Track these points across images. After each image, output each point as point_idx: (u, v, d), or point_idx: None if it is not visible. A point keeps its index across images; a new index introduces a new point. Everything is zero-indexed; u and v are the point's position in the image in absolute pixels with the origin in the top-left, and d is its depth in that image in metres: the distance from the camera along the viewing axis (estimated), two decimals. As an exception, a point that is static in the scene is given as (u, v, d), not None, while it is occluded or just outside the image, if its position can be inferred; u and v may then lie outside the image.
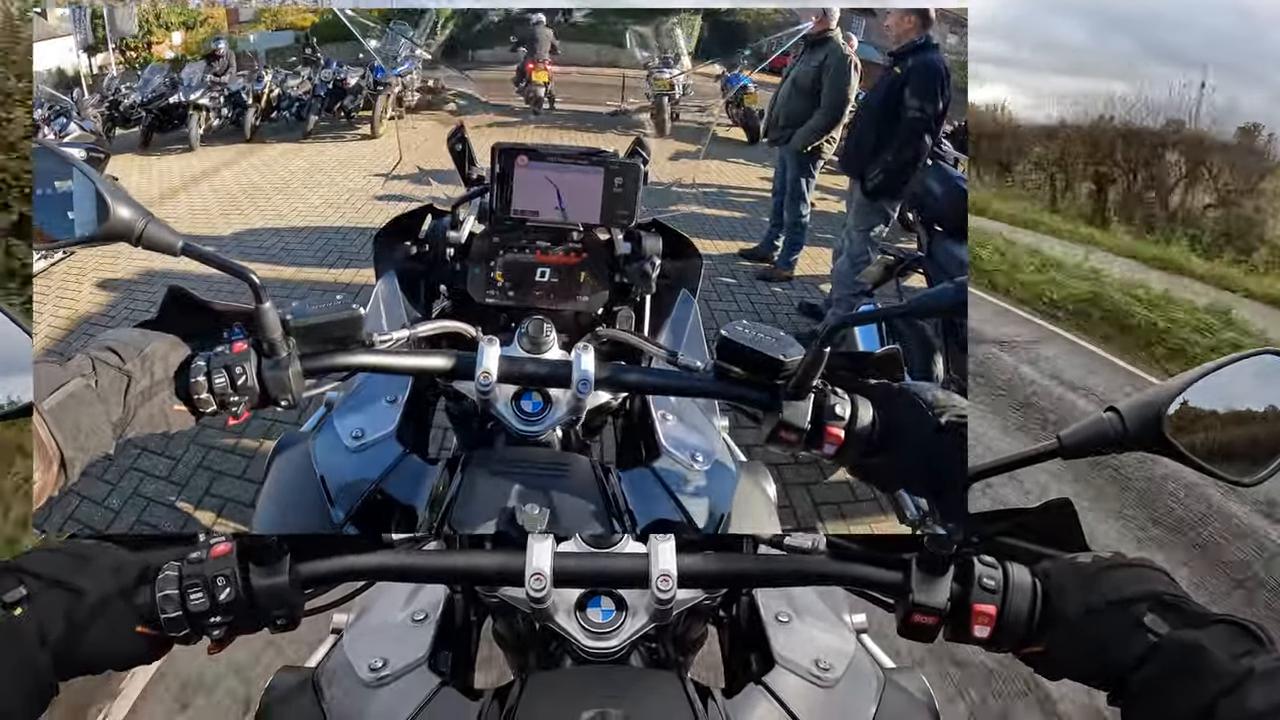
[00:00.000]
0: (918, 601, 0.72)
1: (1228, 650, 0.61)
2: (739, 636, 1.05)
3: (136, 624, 0.70)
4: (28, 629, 0.64)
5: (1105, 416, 0.74)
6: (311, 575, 0.75)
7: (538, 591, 0.74)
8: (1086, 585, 0.70)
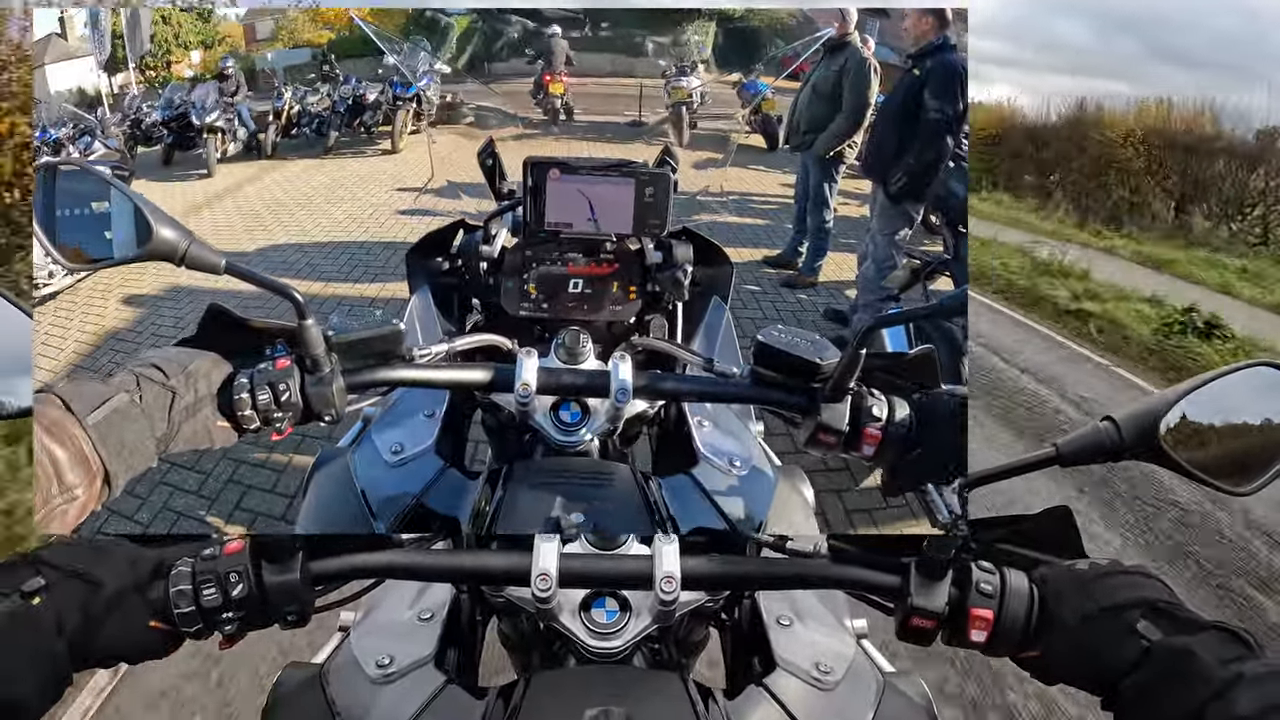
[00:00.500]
0: (916, 605, 0.73)
1: (1217, 656, 0.62)
2: (740, 638, 1.06)
3: (150, 618, 0.71)
4: (45, 619, 0.65)
5: (1102, 426, 0.75)
6: (322, 573, 0.77)
7: (543, 592, 0.76)
8: (1082, 591, 0.71)
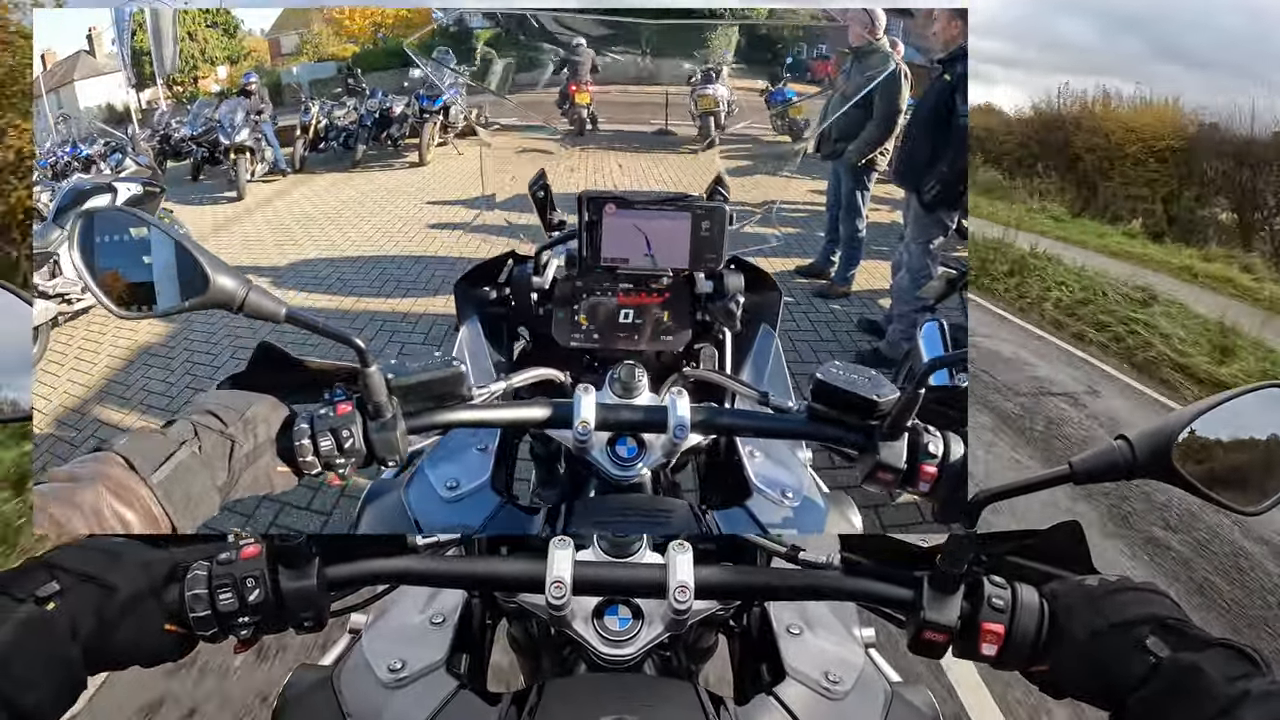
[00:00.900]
0: (928, 619, 0.74)
1: (1224, 673, 0.63)
2: (749, 647, 1.07)
3: (165, 621, 0.71)
4: (60, 623, 0.65)
5: (1116, 445, 0.75)
6: (339, 578, 0.77)
7: (558, 599, 0.76)
8: (1092, 607, 0.72)
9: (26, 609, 0.64)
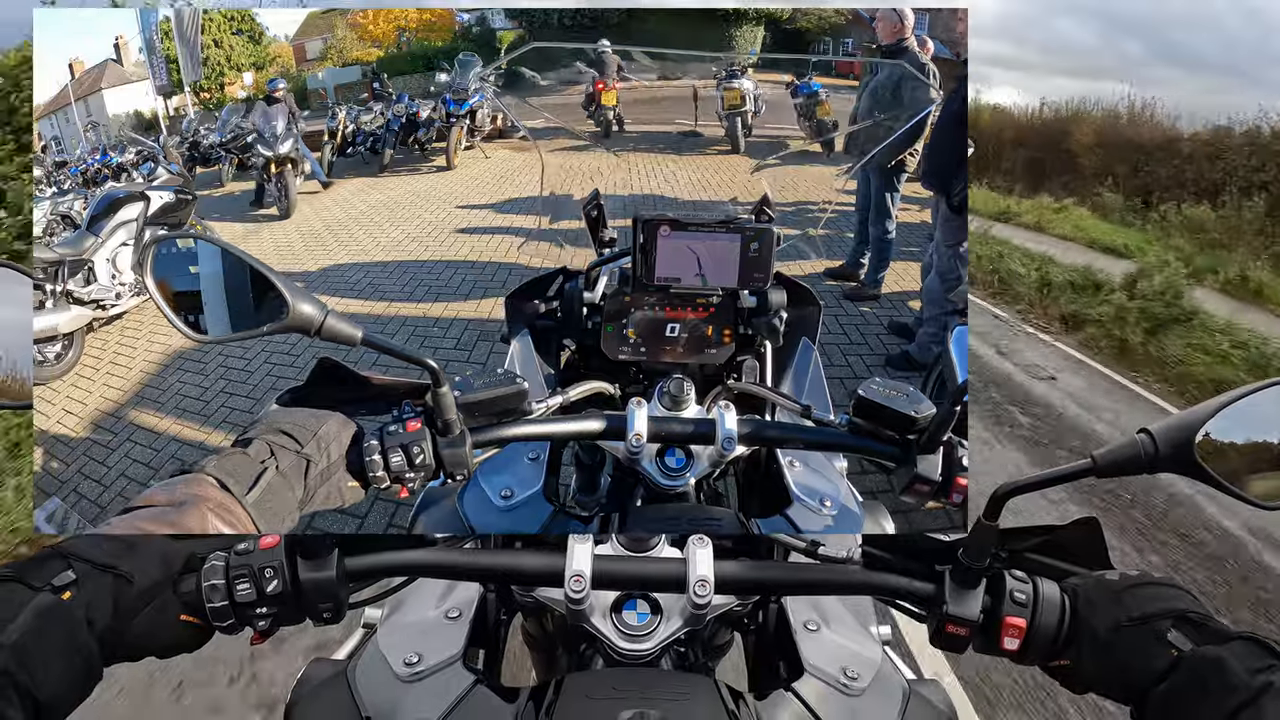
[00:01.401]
0: (951, 613, 0.75)
1: (1247, 665, 0.63)
2: (765, 643, 1.08)
3: (181, 612, 0.72)
4: (76, 613, 0.66)
5: (1138, 438, 0.75)
6: (358, 570, 0.79)
7: (577, 593, 0.78)
8: (1113, 601, 0.73)
9: (43, 598, 0.65)
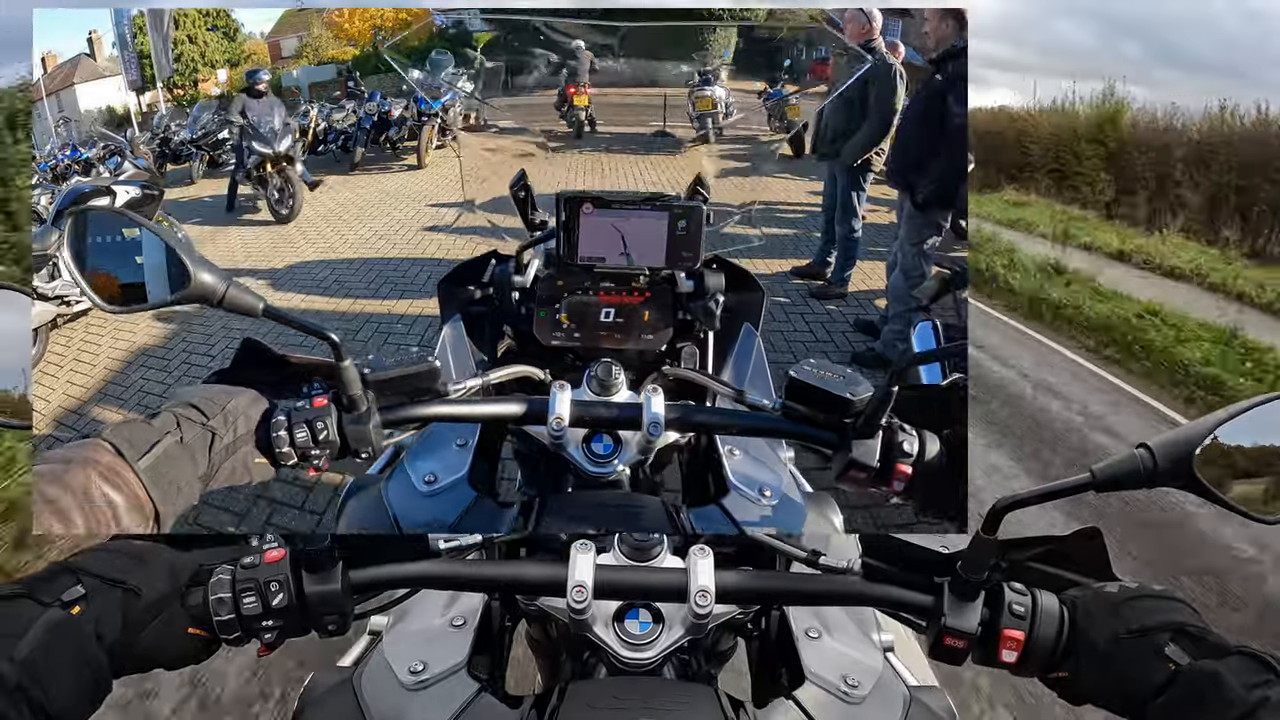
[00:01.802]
0: (949, 625, 0.74)
1: (1244, 680, 0.63)
2: (768, 650, 1.07)
3: (188, 625, 0.72)
4: (85, 627, 0.66)
5: (1137, 453, 0.74)
6: (362, 582, 0.78)
7: (579, 602, 0.77)
8: (1112, 614, 0.72)
9: (53, 613, 0.65)
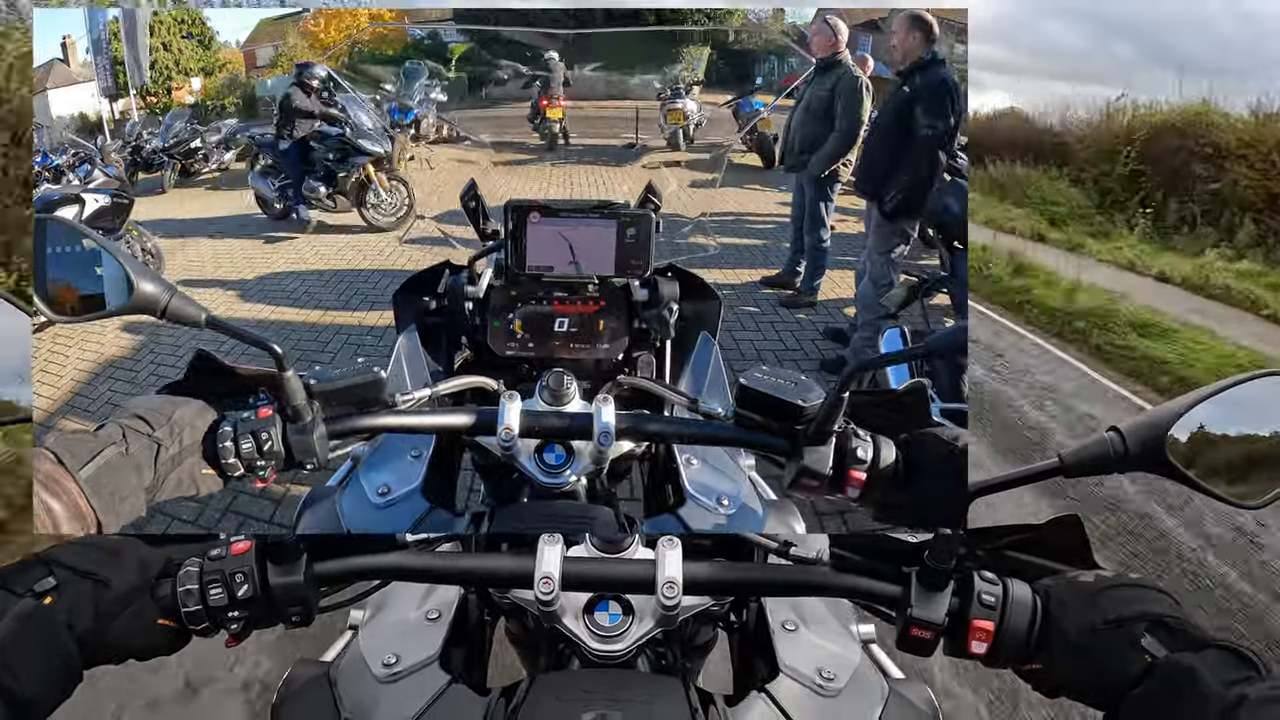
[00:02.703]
0: (916, 616, 0.74)
1: (1222, 677, 0.62)
2: (746, 642, 1.08)
3: (158, 616, 0.74)
4: (57, 617, 0.67)
5: (1107, 436, 0.74)
6: (327, 574, 0.79)
7: (546, 594, 0.77)
8: (1087, 603, 0.71)
9: (25, 603, 0.66)
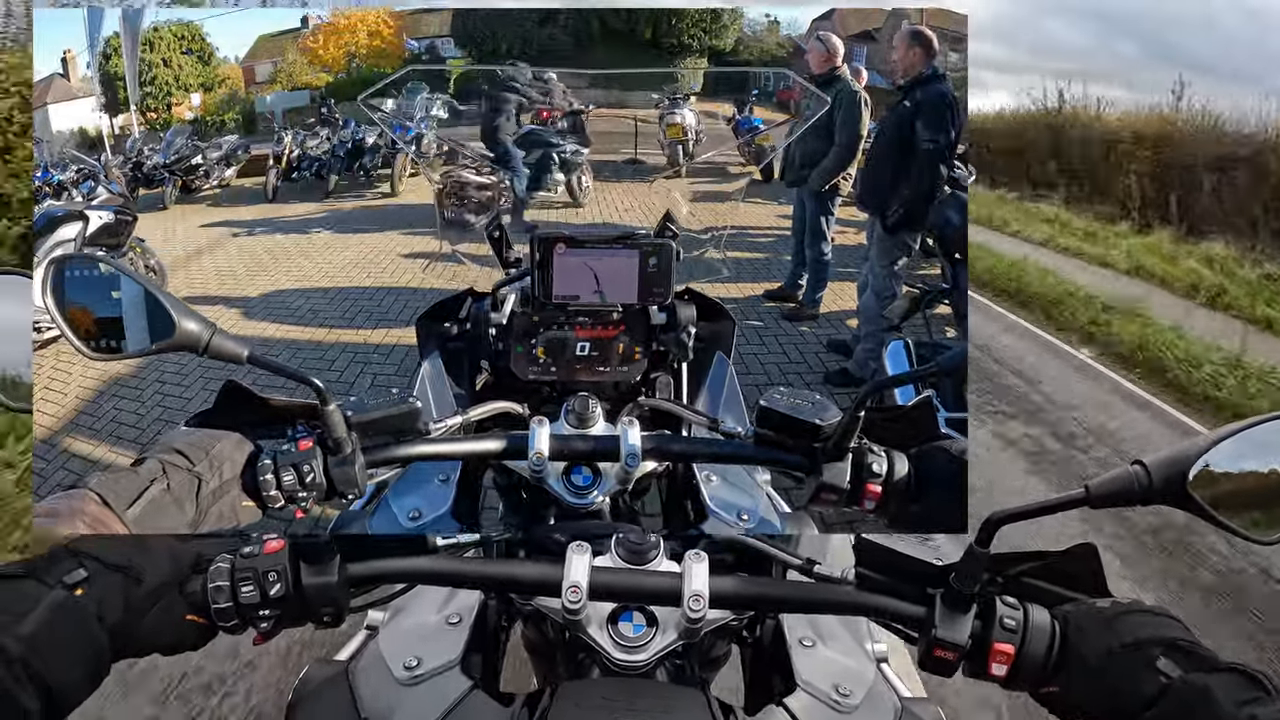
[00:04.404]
0: (939, 637, 0.75)
1: (1234, 697, 0.63)
2: (762, 657, 1.08)
3: (187, 611, 0.75)
4: (88, 608, 0.68)
5: (1132, 470, 0.75)
6: (359, 575, 0.79)
7: (573, 603, 0.78)
8: (1104, 628, 0.72)
9: (57, 593, 0.67)
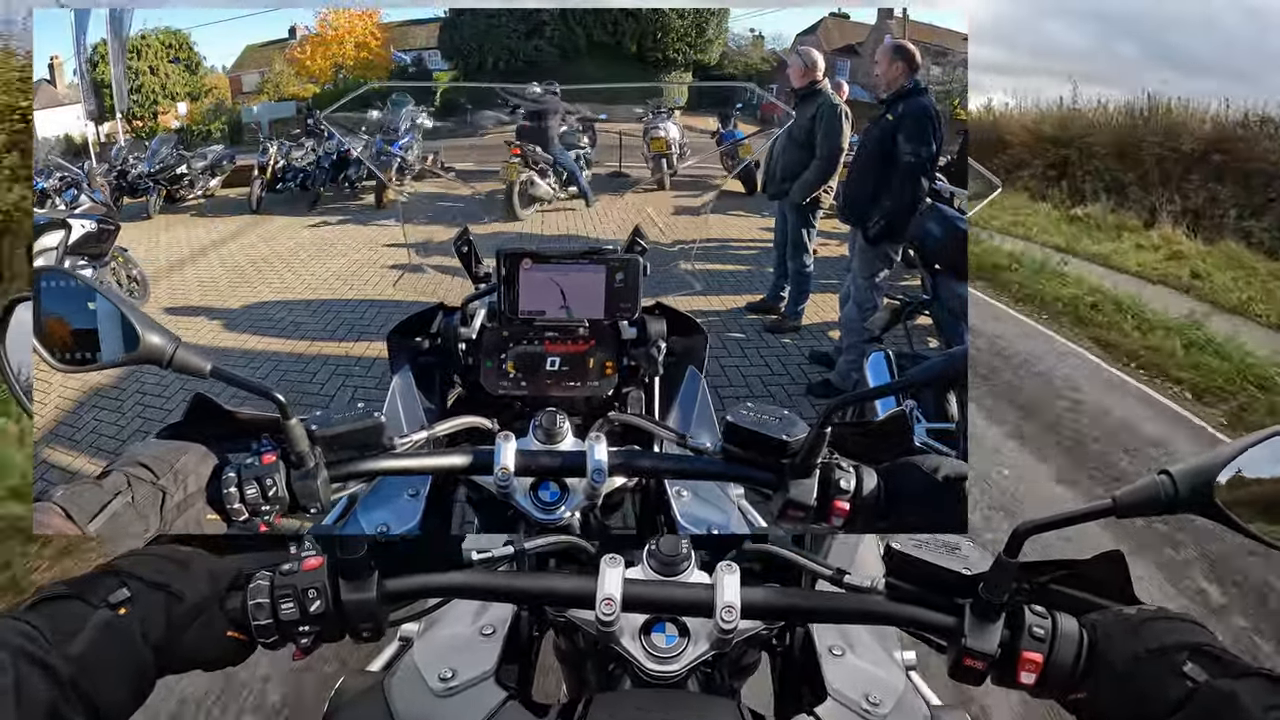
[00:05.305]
0: (969, 646, 0.75)
1: (1261, 702, 0.63)
2: (791, 666, 1.08)
3: (227, 628, 0.75)
4: (132, 627, 0.69)
5: (1159, 479, 0.74)
6: (397, 590, 0.80)
7: (608, 615, 0.79)
8: (1131, 634, 0.73)
9: (102, 613, 0.68)
